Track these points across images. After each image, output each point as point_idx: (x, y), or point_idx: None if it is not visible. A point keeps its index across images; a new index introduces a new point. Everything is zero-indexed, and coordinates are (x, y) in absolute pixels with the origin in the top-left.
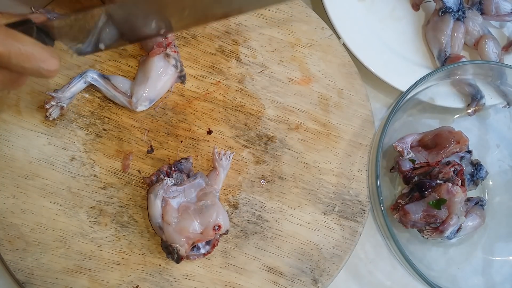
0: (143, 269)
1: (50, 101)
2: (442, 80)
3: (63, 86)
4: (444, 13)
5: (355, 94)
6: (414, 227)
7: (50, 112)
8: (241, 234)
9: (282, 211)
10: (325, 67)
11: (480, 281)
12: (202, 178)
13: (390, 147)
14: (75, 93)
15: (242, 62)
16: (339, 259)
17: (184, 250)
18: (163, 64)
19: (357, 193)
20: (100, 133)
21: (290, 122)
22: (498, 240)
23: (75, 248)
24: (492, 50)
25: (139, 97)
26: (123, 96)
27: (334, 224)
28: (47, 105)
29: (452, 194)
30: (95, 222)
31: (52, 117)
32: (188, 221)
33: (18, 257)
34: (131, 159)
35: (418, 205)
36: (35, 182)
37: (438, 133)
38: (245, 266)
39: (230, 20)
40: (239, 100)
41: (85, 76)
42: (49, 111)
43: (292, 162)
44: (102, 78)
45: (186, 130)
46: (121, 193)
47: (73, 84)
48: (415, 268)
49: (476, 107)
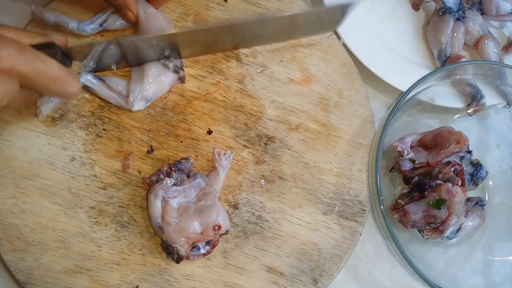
0: (143, 269)
1: (41, 99)
2: (442, 80)
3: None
4: (444, 13)
5: (355, 94)
6: (414, 227)
7: (41, 110)
8: (241, 234)
9: (282, 211)
10: (325, 67)
11: (480, 281)
12: (202, 178)
13: (390, 147)
14: None
15: (242, 62)
16: (339, 259)
17: (184, 250)
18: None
19: (357, 193)
20: (100, 133)
21: (290, 122)
22: (498, 240)
23: (75, 248)
24: (492, 50)
25: (136, 96)
26: (119, 96)
27: (334, 224)
28: (38, 103)
29: (452, 194)
30: (95, 222)
31: (42, 115)
32: (188, 221)
33: (18, 257)
34: (131, 159)
35: (418, 205)
36: (35, 182)
37: (438, 133)
38: (245, 266)
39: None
40: (239, 100)
41: (79, 77)
42: (39, 108)
43: (292, 162)
44: (97, 79)
45: (186, 130)
46: (121, 193)
47: None
48: (415, 268)
49: (476, 107)
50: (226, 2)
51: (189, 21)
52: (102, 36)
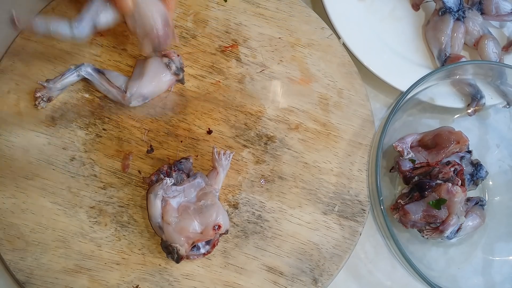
0: (143, 269)
1: (40, 90)
2: (442, 80)
3: (55, 77)
4: (444, 13)
5: (355, 94)
6: (414, 227)
7: (39, 101)
8: (241, 234)
9: (282, 211)
10: (325, 67)
11: (480, 281)
12: (202, 178)
13: (390, 147)
14: (66, 85)
15: (242, 61)
16: (339, 259)
17: (184, 250)
18: (161, 63)
19: (357, 193)
20: (100, 133)
21: (290, 122)
22: (498, 240)
23: (75, 248)
24: (492, 50)
25: (133, 92)
26: (117, 91)
27: (334, 224)
28: (36, 93)
29: (452, 194)
30: (95, 222)
31: (41, 106)
32: (188, 221)
33: (18, 257)
34: (131, 159)
35: (418, 205)
36: (35, 182)
37: (438, 133)
38: (245, 266)
39: (230, 20)
40: (239, 100)
41: (79, 69)
42: (38, 100)
43: (292, 162)
44: (97, 72)
45: (186, 130)
46: (121, 193)
47: (66, 76)
48: (415, 268)
49: (476, 107)
50: (226, 1)
51: (188, 20)
52: (102, 36)
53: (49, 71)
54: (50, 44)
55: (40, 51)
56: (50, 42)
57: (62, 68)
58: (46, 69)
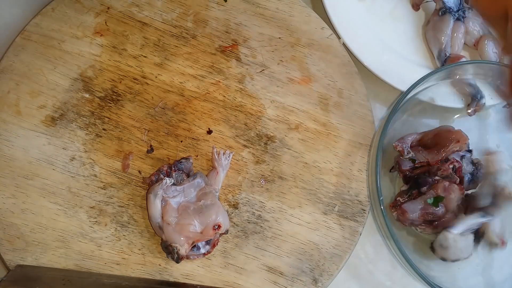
0: (143, 269)
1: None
2: (442, 80)
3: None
4: (444, 13)
5: (355, 94)
6: (412, 225)
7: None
8: (241, 234)
9: (282, 211)
10: (325, 67)
11: (480, 281)
12: (202, 178)
13: (390, 147)
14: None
15: (241, 61)
16: (339, 259)
17: (184, 250)
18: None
19: (357, 193)
20: (100, 133)
21: (290, 122)
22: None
23: (75, 248)
24: (492, 50)
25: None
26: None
27: (334, 224)
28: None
29: (448, 192)
30: (95, 222)
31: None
32: (187, 220)
33: (18, 257)
34: (131, 159)
35: (416, 204)
36: (35, 182)
37: (438, 132)
38: (245, 266)
39: (230, 20)
40: (239, 100)
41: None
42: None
43: (292, 162)
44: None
45: (186, 130)
46: (121, 193)
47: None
48: (415, 268)
49: (476, 107)
50: (226, 2)
51: (188, 20)
52: (102, 36)
53: (49, 71)
54: (50, 44)
55: (40, 51)
56: (50, 42)
57: (62, 68)
58: (46, 69)
